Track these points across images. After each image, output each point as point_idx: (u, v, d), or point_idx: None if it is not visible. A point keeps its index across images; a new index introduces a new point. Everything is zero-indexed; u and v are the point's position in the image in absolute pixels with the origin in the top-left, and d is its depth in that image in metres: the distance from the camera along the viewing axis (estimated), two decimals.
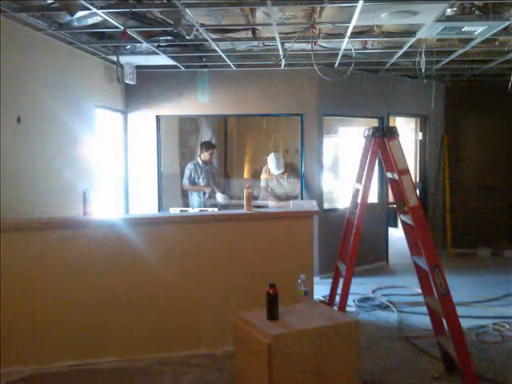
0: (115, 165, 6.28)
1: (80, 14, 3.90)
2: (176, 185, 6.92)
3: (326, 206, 6.57)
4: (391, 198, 5.99)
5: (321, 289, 5.19)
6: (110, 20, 3.98)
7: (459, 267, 6.83)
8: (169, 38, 4.78)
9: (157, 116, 6.40)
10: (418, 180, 7.75)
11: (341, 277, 4.02)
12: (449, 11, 3.84)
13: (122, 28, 4.08)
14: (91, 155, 5.31)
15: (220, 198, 6.68)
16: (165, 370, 3.65)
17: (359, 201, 3.89)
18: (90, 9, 3.67)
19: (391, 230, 7.57)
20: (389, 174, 3.74)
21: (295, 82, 6.25)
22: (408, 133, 8.22)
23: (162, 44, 5.02)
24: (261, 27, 4.52)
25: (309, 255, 4.13)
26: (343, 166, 8.14)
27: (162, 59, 5.56)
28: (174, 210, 6.20)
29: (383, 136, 3.63)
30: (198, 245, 3.99)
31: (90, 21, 4.12)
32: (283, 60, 5.64)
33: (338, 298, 3.93)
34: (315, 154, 6.31)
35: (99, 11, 3.74)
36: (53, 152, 4.62)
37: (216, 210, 6.16)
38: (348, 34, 4.34)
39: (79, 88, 5.17)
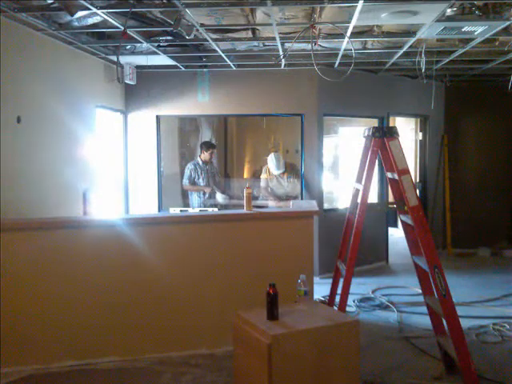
0: (115, 165, 6.28)
1: (80, 14, 3.90)
2: (176, 185, 6.92)
3: (326, 206, 6.57)
4: (391, 198, 5.99)
5: (321, 289, 5.19)
6: (110, 20, 3.98)
7: (459, 267, 6.83)
8: (169, 38, 4.78)
9: (157, 116, 6.40)
10: (417, 180, 7.75)
11: (341, 277, 4.02)
12: (449, 11, 3.84)
13: (122, 28, 4.08)
14: (91, 155, 5.31)
15: (220, 197, 6.68)
16: (165, 370, 3.65)
17: (359, 201, 3.89)
18: (90, 9, 3.67)
19: (391, 230, 7.58)
20: (389, 174, 3.74)
21: (295, 82, 6.25)
22: (408, 133, 8.23)
23: (162, 44, 5.02)
24: (261, 27, 4.53)
25: (309, 255, 4.13)
26: (343, 166, 8.15)
27: (162, 59, 5.56)
28: (174, 210, 6.21)
29: (383, 136, 3.63)
30: (197, 245, 3.99)
31: (90, 21, 4.12)
32: (283, 60, 5.64)
33: (338, 298, 3.93)
34: (315, 154, 6.31)
35: (99, 11, 3.74)
36: (53, 152, 4.63)
37: (216, 210, 6.17)
38: (348, 34, 4.34)
39: (79, 88, 5.17)
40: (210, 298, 3.98)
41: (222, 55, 5.38)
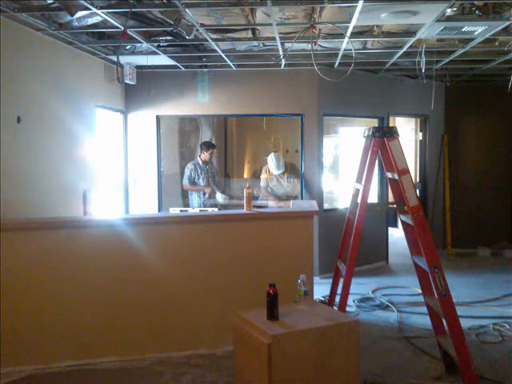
0: (115, 165, 6.28)
1: (80, 14, 3.89)
2: (176, 185, 6.93)
3: (326, 206, 6.57)
4: (391, 198, 5.99)
5: (321, 289, 5.19)
6: (110, 20, 3.98)
7: (459, 267, 6.84)
8: (169, 37, 4.78)
9: (157, 116, 6.40)
10: (418, 180, 7.76)
11: (341, 277, 4.02)
12: (449, 11, 3.84)
13: (122, 28, 4.08)
14: (91, 155, 5.31)
15: (220, 198, 6.68)
16: (165, 370, 3.65)
17: (359, 201, 3.89)
18: (90, 9, 3.67)
19: (391, 230, 7.58)
20: (389, 174, 3.74)
21: (295, 82, 6.25)
22: (408, 133, 8.23)
23: (162, 44, 5.02)
24: (261, 27, 4.53)
25: (309, 255, 4.12)
26: (343, 166, 8.15)
27: (162, 59, 5.56)
28: (174, 210, 6.20)
29: (383, 136, 3.63)
30: (197, 245, 3.99)
31: (90, 21, 4.12)
32: (283, 60, 5.64)
33: (338, 298, 3.93)
34: (315, 153, 6.31)
35: (99, 11, 3.74)
36: (53, 152, 4.63)
37: (216, 210, 6.17)
38: (348, 34, 4.34)
39: (79, 88, 5.17)
40: (210, 298, 3.98)
41: (222, 55, 5.38)
